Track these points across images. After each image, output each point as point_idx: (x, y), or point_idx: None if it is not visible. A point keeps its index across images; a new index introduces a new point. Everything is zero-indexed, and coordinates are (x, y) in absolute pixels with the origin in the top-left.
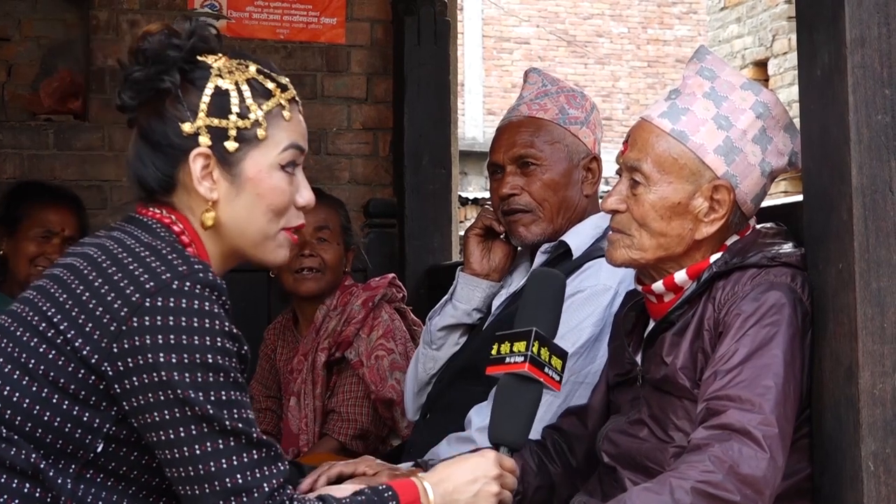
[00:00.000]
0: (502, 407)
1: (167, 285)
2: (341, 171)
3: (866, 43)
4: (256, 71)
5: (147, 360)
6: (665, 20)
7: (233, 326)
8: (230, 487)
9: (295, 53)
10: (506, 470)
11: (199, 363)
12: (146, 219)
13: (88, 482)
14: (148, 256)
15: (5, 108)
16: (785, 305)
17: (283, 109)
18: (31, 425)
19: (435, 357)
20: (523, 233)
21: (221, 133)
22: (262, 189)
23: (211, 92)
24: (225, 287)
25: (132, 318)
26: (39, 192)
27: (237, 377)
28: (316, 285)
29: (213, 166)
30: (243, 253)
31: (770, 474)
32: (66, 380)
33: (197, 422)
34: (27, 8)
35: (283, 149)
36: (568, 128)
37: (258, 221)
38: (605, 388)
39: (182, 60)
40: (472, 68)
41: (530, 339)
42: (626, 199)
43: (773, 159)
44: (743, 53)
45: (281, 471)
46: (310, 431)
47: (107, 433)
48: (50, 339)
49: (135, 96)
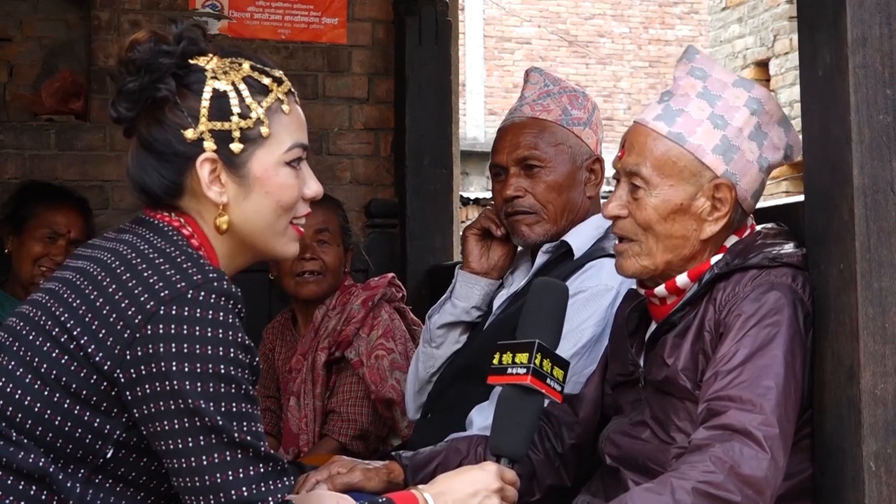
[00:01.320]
0: (503, 419)
1: (182, 294)
2: (342, 172)
3: (867, 43)
4: (251, 68)
5: (160, 368)
6: (666, 20)
7: (246, 337)
8: (235, 499)
9: (296, 54)
10: (507, 482)
11: (212, 373)
12: (157, 222)
13: (97, 487)
14: (162, 264)
15: (7, 108)
16: (785, 306)
17: (282, 104)
18: (41, 429)
19: (435, 355)
20: (526, 233)
21: (225, 135)
22: (271, 187)
23: (209, 95)
24: (240, 296)
25: (146, 325)
26: (47, 193)
27: (249, 389)
28: (318, 288)
29: (220, 170)
30: (255, 250)
31: (771, 475)
32: (78, 385)
33: (206, 433)
34: (28, 8)
35: (288, 147)
36: (571, 129)
37: (268, 219)
38: (600, 381)
39: (175, 66)
40: (473, 68)
41: (533, 351)
42: (628, 205)
43: (770, 154)
44: (744, 53)
45: (286, 486)
46: (310, 431)
47: (117, 439)
48: (63, 344)
49: (131, 107)
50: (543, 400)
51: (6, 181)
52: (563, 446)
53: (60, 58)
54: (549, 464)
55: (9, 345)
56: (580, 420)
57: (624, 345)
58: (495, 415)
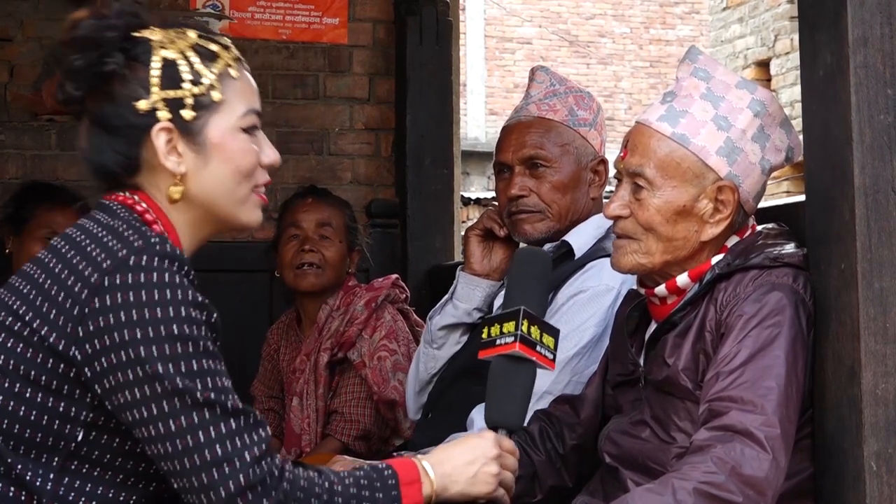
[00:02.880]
0: (497, 390)
1: (124, 262)
2: (343, 172)
3: (868, 43)
4: (197, 36)
5: (113, 339)
6: (667, 20)
7: (198, 295)
8: (210, 460)
9: (297, 54)
10: (505, 451)
11: (166, 335)
12: (110, 203)
13: (73, 474)
14: (105, 236)
15: (7, 108)
16: (787, 306)
17: (231, 68)
18: (7, 422)
19: (436, 356)
20: (529, 230)
21: (178, 103)
22: (229, 153)
23: (159, 65)
24: (185, 257)
25: (93, 299)
26: (47, 193)
27: (208, 345)
28: (316, 280)
29: (176, 139)
30: (218, 220)
31: (772, 475)
32: (37, 372)
33: (169, 397)
34: (29, 8)
35: (242, 113)
36: (577, 130)
37: (229, 186)
38: (601, 381)
39: (120, 39)
40: (474, 69)
41: (519, 318)
42: (630, 205)
43: (772, 156)
44: (745, 53)
45: (262, 437)
46: (312, 431)
47: (84, 421)
48: (17, 332)
49: (79, 86)
50: (535, 368)
51: (7, 181)
52: (565, 447)
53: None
54: (551, 464)
55: None
56: (581, 421)
57: (624, 344)
58: (488, 387)
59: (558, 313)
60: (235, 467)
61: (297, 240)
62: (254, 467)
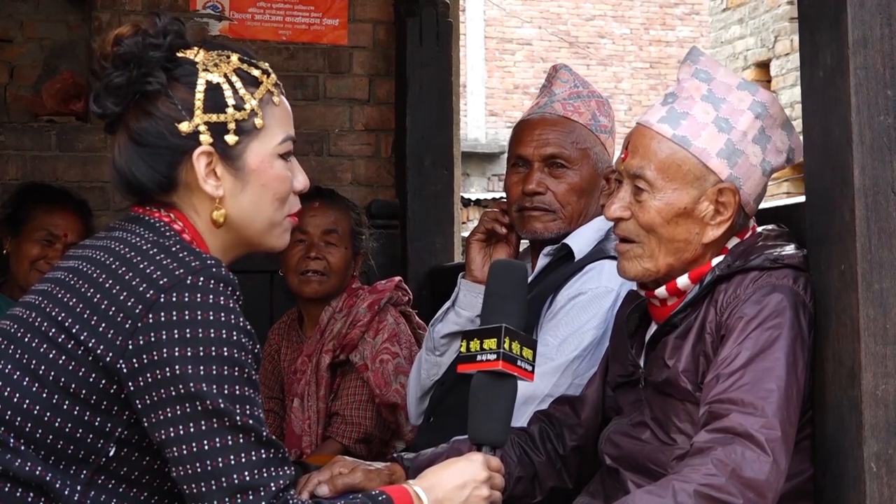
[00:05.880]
0: (480, 407)
1: (181, 281)
2: (343, 173)
3: (868, 44)
4: (239, 60)
5: (161, 355)
6: (667, 21)
7: (247, 323)
8: (237, 484)
9: (297, 55)
10: (492, 470)
11: (214, 356)
12: (148, 218)
13: (99, 488)
14: (158, 254)
15: (7, 109)
16: (787, 308)
17: (273, 95)
18: (41, 432)
19: (439, 363)
20: (540, 228)
21: (221, 128)
22: (266, 179)
23: (203, 87)
24: (237, 282)
25: (147, 314)
26: (46, 195)
27: (251, 374)
28: (320, 288)
29: (215, 163)
30: (250, 244)
31: (773, 477)
32: (77, 385)
33: (207, 416)
34: (29, 9)
35: (281, 140)
36: (598, 135)
37: (266, 211)
38: (601, 382)
39: (164, 59)
40: (474, 70)
41: (500, 335)
42: (630, 206)
43: (773, 158)
44: (745, 54)
45: (287, 474)
46: (313, 433)
47: (118, 437)
48: (60, 343)
49: (118, 102)
50: (516, 382)
51: (7, 182)
52: (565, 448)
53: (61, 59)
54: (551, 465)
55: (4, 348)
56: (582, 422)
57: (624, 345)
58: (470, 404)
59: (558, 315)
60: (259, 496)
61: (303, 245)
62: (274, 499)
